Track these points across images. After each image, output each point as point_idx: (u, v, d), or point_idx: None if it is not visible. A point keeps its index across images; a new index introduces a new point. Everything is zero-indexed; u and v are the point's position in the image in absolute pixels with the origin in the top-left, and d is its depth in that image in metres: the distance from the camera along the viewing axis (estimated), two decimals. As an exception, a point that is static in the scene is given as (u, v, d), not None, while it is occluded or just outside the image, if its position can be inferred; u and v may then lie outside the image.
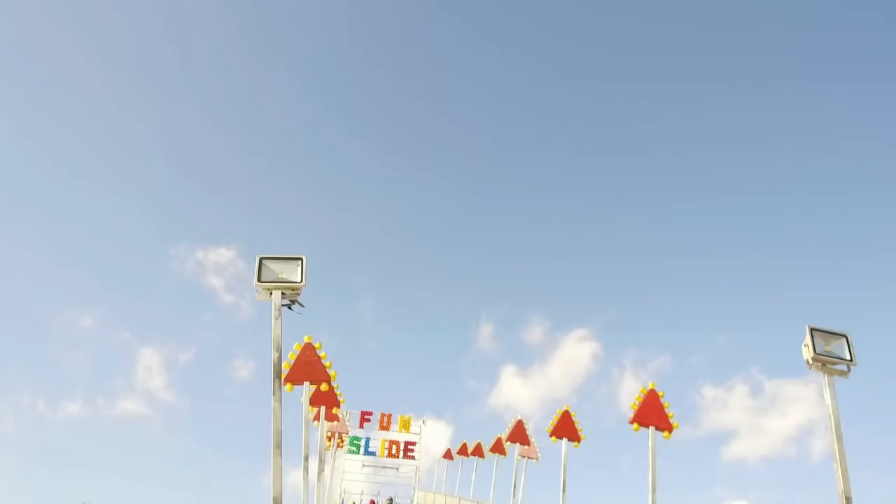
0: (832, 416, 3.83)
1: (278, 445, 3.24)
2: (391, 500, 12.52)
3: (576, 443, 8.16)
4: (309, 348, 6.01)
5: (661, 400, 6.17)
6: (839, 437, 3.81)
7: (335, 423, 12.56)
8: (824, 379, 4.00)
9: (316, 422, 8.67)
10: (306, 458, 5.95)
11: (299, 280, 3.63)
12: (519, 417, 11.63)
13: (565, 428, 8.16)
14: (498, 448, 13.69)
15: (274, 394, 3.26)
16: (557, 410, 8.39)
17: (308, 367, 5.91)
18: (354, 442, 23.61)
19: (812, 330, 4.22)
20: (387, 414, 24.33)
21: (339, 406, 7.91)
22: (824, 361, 4.14)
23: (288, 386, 5.83)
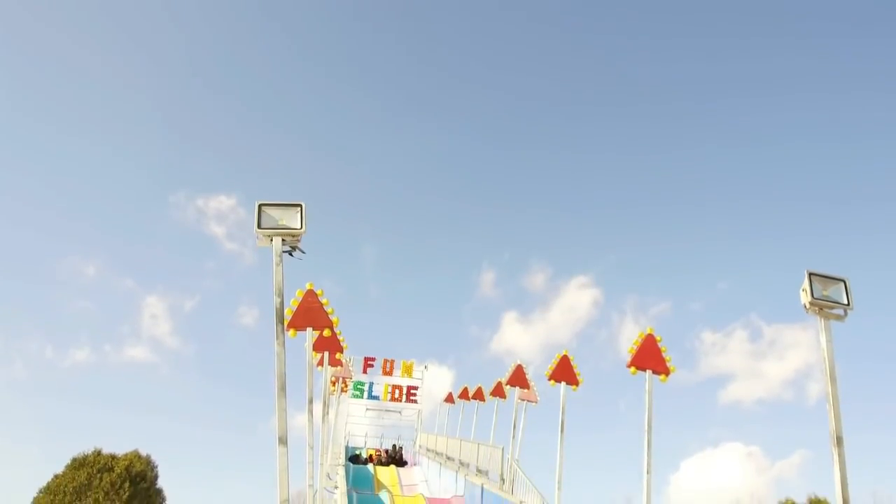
0: (826, 358, 3.89)
1: (282, 388, 3.32)
2: (395, 445, 13.04)
3: (574, 386, 8.33)
4: (311, 295, 6.07)
5: (659, 344, 6.26)
6: (833, 380, 3.88)
7: (339, 368, 12.81)
8: (820, 323, 4.05)
9: (320, 367, 8.84)
10: (310, 402, 6.10)
11: (299, 226, 3.64)
12: (518, 362, 11.85)
13: (564, 372, 8.32)
14: (498, 392, 13.99)
15: (277, 338, 3.32)
16: (556, 355, 8.54)
17: (310, 314, 5.99)
18: (358, 387, 24.14)
19: (811, 275, 4.24)
20: (389, 360, 24.80)
21: (342, 352, 8.05)
22: (821, 306, 4.18)
23: (291, 332, 5.92)
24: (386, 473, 17.07)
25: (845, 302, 4.21)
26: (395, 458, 20.34)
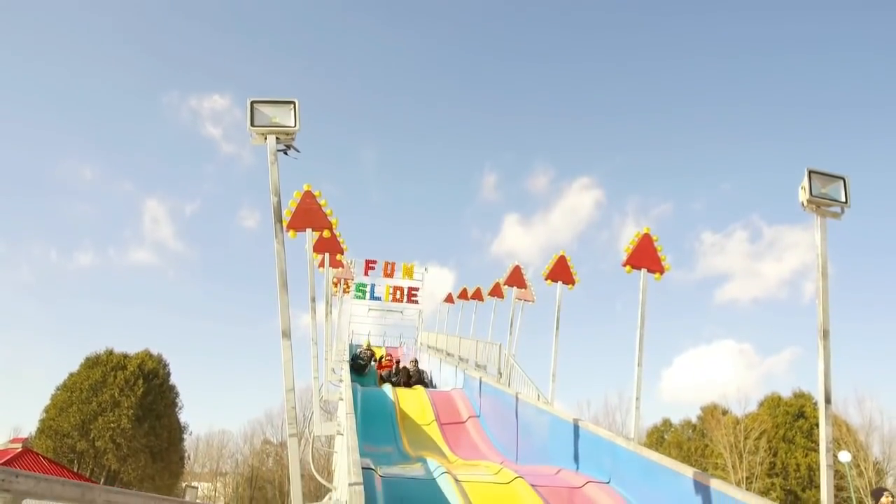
0: (820, 255, 3.93)
1: (284, 285, 3.39)
2: (416, 361, 12.18)
3: (570, 285, 8.49)
4: (309, 196, 6.05)
5: (655, 244, 6.31)
6: (825, 275, 3.94)
7: (340, 269, 13.02)
8: (816, 220, 4.06)
9: (321, 268, 8.98)
10: (313, 300, 6.25)
11: (293, 124, 3.56)
12: (516, 263, 12.03)
13: (560, 271, 8.45)
14: (496, 292, 14.29)
15: (276, 237, 3.35)
16: (554, 255, 8.64)
17: (309, 215, 6.01)
18: (360, 288, 24.64)
19: (811, 172, 4.20)
20: (390, 262, 25.14)
21: (342, 253, 8.14)
22: (819, 203, 4.17)
23: (291, 233, 5.96)
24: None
25: (843, 200, 4.20)
26: (420, 379, 15.10)
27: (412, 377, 14.82)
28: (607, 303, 75.40)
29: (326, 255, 8.19)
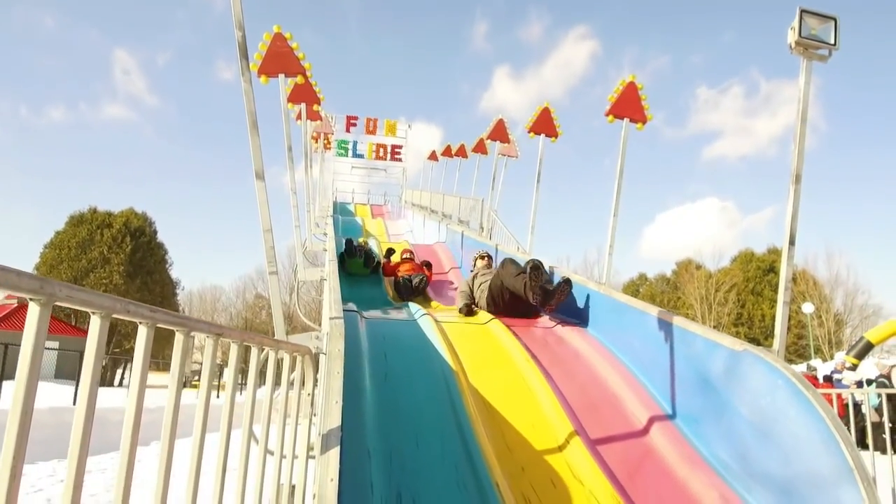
0: (802, 98, 3.87)
1: (254, 125, 3.30)
2: (428, 263, 10.79)
3: (553, 138, 8.40)
4: (279, 39, 5.72)
5: (640, 92, 6.17)
6: (804, 119, 3.91)
7: (319, 122, 12.71)
8: (802, 63, 3.95)
9: (299, 121, 8.75)
10: (289, 149, 6.13)
11: None
12: (500, 117, 11.79)
13: (544, 124, 8.32)
14: (480, 148, 14.16)
15: (242, 75, 3.19)
16: (537, 107, 8.46)
17: (280, 59, 5.72)
18: (342, 145, 24.25)
19: (802, 12, 4.02)
20: (372, 118, 24.55)
21: (318, 103, 7.87)
22: (807, 45, 4.02)
23: (263, 78, 5.72)
24: (373, 224, 18.04)
25: (832, 42, 4.05)
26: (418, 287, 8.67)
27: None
28: (596, 160, 75.22)
29: (303, 105, 7.93)
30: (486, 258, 8.20)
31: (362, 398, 3.84)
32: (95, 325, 1.02)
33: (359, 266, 8.99)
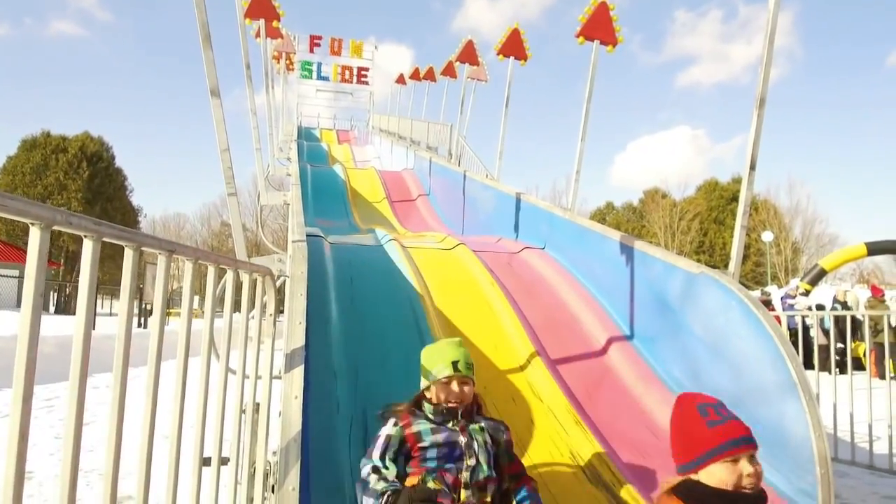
0: (770, 20, 3.81)
1: (206, 38, 3.13)
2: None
3: (522, 61, 8.19)
4: (234, -54, 5.34)
5: (611, 13, 6.01)
6: (771, 42, 3.87)
7: (280, 41, 12.16)
8: (775, -17, 3.86)
9: (258, 38, 8.34)
10: (247, 66, 5.86)
11: None
12: (469, 38, 11.42)
13: (513, 46, 8.08)
14: (449, 71, 13.76)
15: (192, -17, 2.99)
16: (507, 28, 8.19)
17: (236, -31, 5.37)
18: (306, 66, 23.34)
19: (779, -72, 3.90)
20: (337, 39, 23.56)
21: (278, 19, 7.49)
22: (781, -36, 3.93)
23: (217, -10, 5.39)
24: (340, 150, 17.67)
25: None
26: None
27: None
28: (570, 86, 74.00)
29: (262, 21, 7.54)
30: None
31: (328, 322, 3.87)
32: (35, 237, 0.97)
33: None
